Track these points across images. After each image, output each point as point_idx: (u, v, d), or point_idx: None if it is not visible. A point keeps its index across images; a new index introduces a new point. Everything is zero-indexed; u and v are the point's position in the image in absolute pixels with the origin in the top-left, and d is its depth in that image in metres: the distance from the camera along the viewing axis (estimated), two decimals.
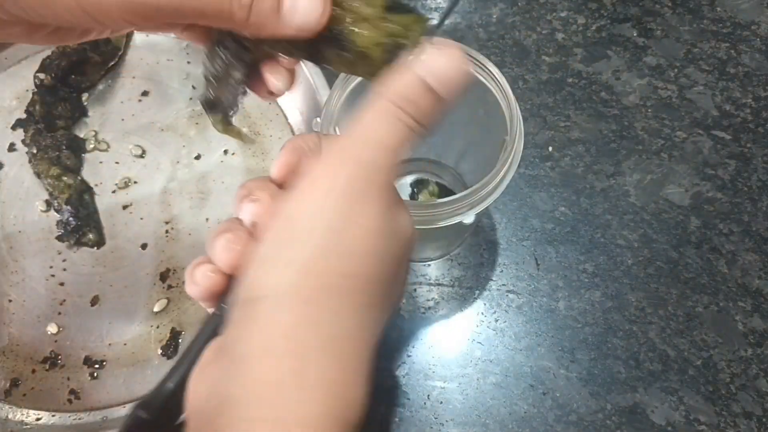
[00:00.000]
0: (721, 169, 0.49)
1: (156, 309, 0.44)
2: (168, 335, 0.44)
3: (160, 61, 0.54)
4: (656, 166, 0.50)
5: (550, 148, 0.50)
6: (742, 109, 0.52)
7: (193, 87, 0.53)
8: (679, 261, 0.46)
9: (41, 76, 0.50)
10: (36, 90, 0.50)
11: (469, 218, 0.34)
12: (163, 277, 0.46)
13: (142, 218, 0.48)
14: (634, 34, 0.55)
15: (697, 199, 0.48)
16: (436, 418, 0.41)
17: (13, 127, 0.51)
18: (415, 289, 0.46)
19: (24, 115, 0.51)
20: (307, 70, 0.49)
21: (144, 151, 0.50)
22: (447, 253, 0.47)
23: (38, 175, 0.48)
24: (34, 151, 0.48)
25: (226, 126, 0.28)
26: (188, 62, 0.54)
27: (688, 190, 0.49)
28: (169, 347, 0.43)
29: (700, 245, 0.47)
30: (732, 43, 0.55)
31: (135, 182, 0.49)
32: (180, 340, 0.44)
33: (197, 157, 0.50)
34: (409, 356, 0.44)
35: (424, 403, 0.42)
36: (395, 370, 0.43)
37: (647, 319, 0.44)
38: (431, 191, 0.44)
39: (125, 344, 0.44)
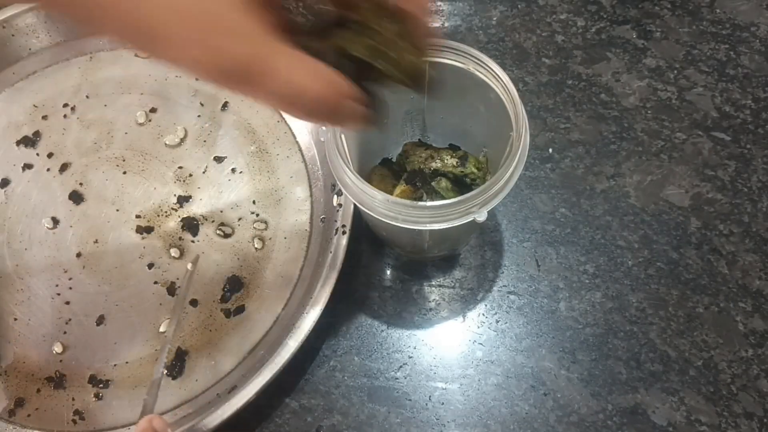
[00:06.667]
0: (721, 170, 0.50)
1: (162, 329, 0.44)
2: (173, 356, 0.43)
3: (168, 77, 0.54)
4: (656, 168, 0.50)
5: (551, 150, 0.51)
6: (741, 111, 0.52)
7: (201, 104, 0.53)
8: (680, 262, 0.46)
9: None
10: None
11: (481, 216, 0.34)
12: (170, 291, 0.45)
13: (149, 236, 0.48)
14: (634, 36, 0.56)
15: (697, 200, 0.48)
16: (437, 419, 0.42)
17: (18, 144, 0.51)
18: (416, 291, 0.46)
19: (30, 133, 0.51)
20: None
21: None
22: (457, 251, 0.47)
23: None
24: None
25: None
26: (196, 79, 0.54)
27: (688, 191, 0.49)
28: (174, 367, 0.43)
29: (700, 246, 0.47)
30: (731, 44, 0.55)
31: None
32: (185, 360, 0.43)
33: (204, 173, 0.50)
34: (410, 357, 0.44)
35: (426, 404, 0.42)
36: (397, 371, 0.43)
37: (648, 319, 0.44)
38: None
39: (131, 364, 0.43)
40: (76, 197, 0.49)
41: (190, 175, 0.50)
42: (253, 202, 0.49)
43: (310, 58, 0.25)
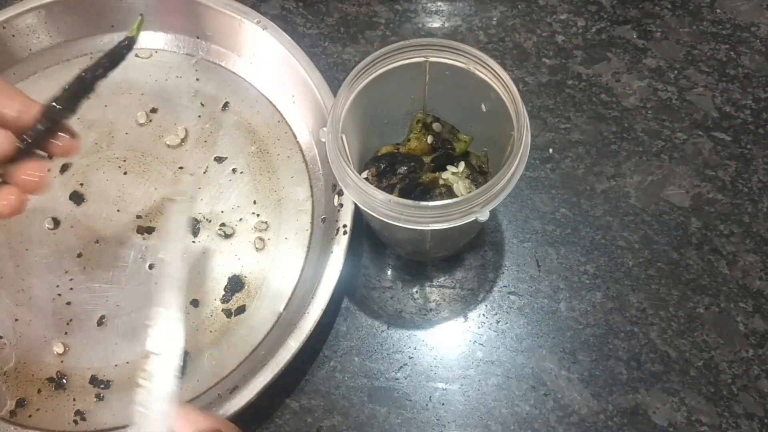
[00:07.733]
0: (722, 171, 0.50)
1: None
2: None
3: (169, 77, 0.54)
4: (656, 168, 0.50)
5: (551, 150, 0.51)
6: (742, 111, 0.52)
7: (202, 104, 0.53)
8: (680, 262, 0.46)
9: None
10: None
11: (483, 215, 0.34)
12: None
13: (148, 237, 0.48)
14: (634, 36, 0.56)
15: (697, 201, 0.48)
16: (438, 420, 0.42)
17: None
18: (417, 291, 0.46)
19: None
20: (313, 83, 0.48)
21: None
22: (458, 251, 0.47)
23: None
24: None
25: None
26: (197, 79, 0.54)
27: (688, 191, 0.49)
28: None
29: (700, 246, 0.47)
30: (732, 44, 0.55)
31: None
32: (186, 360, 0.43)
33: (205, 173, 0.50)
34: (411, 358, 0.44)
35: (426, 405, 0.42)
36: (397, 371, 0.43)
37: (648, 320, 0.44)
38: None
39: (132, 365, 0.43)
40: (76, 198, 0.49)
41: (191, 176, 0.50)
42: (254, 202, 0.49)
43: None
